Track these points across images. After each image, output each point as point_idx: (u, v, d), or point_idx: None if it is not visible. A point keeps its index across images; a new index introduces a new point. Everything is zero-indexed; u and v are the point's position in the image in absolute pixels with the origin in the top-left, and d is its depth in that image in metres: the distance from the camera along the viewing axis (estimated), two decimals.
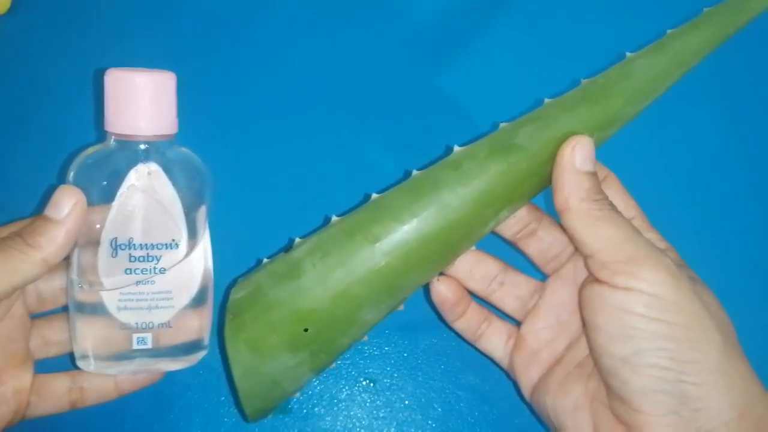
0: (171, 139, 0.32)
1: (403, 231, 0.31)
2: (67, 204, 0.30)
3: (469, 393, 0.40)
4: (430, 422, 0.39)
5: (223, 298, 0.34)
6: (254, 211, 0.35)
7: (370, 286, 0.31)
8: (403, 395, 0.40)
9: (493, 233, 0.35)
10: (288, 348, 0.32)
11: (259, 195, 0.39)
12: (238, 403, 0.36)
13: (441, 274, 0.35)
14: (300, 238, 0.34)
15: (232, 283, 0.34)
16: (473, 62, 0.43)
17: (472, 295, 0.36)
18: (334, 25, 0.43)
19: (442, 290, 0.35)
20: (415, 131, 0.42)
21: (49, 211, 0.30)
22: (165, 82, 0.31)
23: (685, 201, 0.42)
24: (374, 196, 0.33)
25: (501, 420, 0.39)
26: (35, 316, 0.34)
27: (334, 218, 0.33)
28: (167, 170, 0.32)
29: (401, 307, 0.34)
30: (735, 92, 0.43)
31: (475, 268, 0.35)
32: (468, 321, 0.36)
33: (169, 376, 0.38)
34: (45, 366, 0.34)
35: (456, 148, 0.33)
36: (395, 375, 0.40)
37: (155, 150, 0.32)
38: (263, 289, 0.32)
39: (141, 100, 0.31)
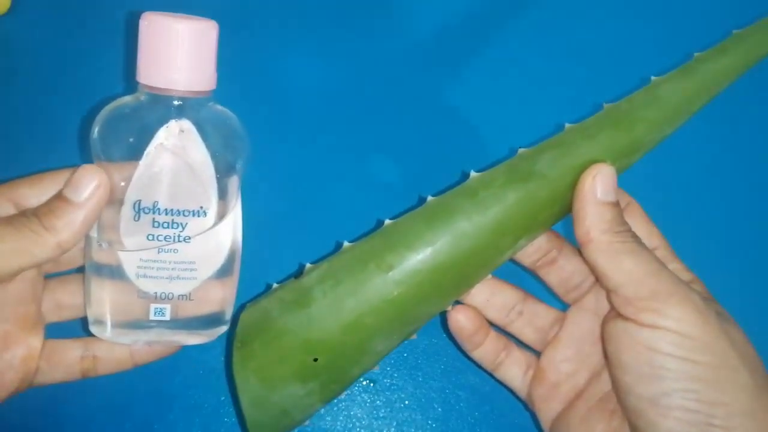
0: (208, 96, 0.30)
1: (417, 260, 0.31)
2: (88, 186, 0.28)
3: (469, 393, 0.40)
4: (430, 422, 0.39)
5: (231, 323, 0.34)
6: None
7: (382, 316, 0.31)
8: (403, 395, 0.40)
9: (512, 261, 0.34)
10: (297, 378, 0.32)
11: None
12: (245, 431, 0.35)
13: (457, 302, 0.35)
14: (311, 263, 0.33)
15: (241, 308, 0.33)
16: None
17: (491, 323, 0.36)
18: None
19: (460, 319, 0.34)
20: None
21: (68, 191, 0.29)
22: (206, 32, 0.29)
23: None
24: (387, 222, 0.33)
25: (501, 420, 0.39)
26: (49, 276, 0.33)
27: (346, 244, 0.33)
28: (201, 130, 0.30)
29: (414, 336, 0.34)
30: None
31: (492, 297, 0.35)
32: (486, 350, 0.35)
33: (169, 376, 0.39)
34: (54, 332, 0.33)
35: (472, 174, 0.32)
36: (395, 375, 0.40)
37: (190, 107, 0.30)
38: (272, 317, 0.32)
39: (178, 51, 0.28)
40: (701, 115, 0.33)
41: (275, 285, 0.34)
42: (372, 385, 0.39)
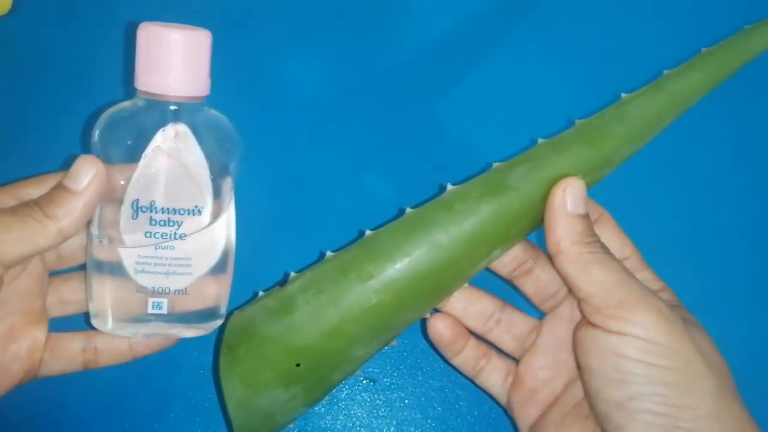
0: (202, 101, 0.31)
1: (395, 270, 0.32)
2: (86, 175, 0.29)
3: (469, 393, 0.40)
4: (430, 422, 0.39)
5: (218, 329, 0.34)
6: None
7: (362, 324, 0.32)
8: (403, 395, 0.40)
9: (490, 270, 0.35)
10: (281, 382, 0.32)
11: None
12: None
13: (436, 310, 0.35)
14: (295, 272, 0.34)
15: (228, 315, 0.34)
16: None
17: (471, 332, 0.36)
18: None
19: (438, 326, 0.35)
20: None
21: (67, 181, 0.29)
22: (200, 41, 0.30)
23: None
24: (368, 233, 0.33)
25: (501, 420, 0.39)
26: (53, 274, 0.34)
27: (328, 254, 0.34)
28: (196, 133, 0.31)
29: (394, 343, 0.35)
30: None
31: (470, 306, 0.35)
32: (466, 357, 0.36)
33: (169, 376, 0.39)
34: (58, 325, 0.34)
35: (449, 187, 0.33)
36: (395, 374, 0.40)
37: (185, 111, 0.31)
38: (257, 324, 0.33)
39: (174, 58, 0.30)
40: (673, 127, 0.33)
41: (261, 293, 0.34)
42: (372, 384, 0.39)
